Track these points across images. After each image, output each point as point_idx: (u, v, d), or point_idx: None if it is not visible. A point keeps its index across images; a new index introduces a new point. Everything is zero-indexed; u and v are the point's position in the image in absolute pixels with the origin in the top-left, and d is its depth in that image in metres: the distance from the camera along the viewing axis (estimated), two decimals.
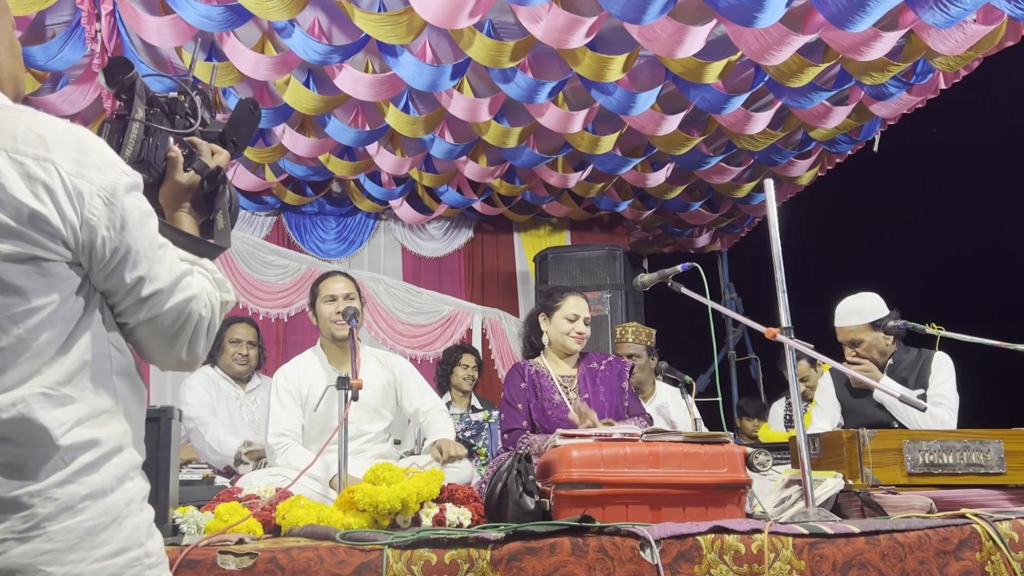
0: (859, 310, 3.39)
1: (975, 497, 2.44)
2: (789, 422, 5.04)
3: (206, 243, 1.36)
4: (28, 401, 1.04)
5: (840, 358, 3.42)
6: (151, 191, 1.30)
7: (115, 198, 1.11)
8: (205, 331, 1.25)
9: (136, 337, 1.21)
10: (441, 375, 5.29)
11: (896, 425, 3.25)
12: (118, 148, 1.28)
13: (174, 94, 1.42)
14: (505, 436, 3.16)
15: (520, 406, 3.15)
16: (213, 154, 1.40)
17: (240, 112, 1.49)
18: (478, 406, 5.23)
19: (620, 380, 3.26)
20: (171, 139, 1.38)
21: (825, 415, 3.50)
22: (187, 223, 1.37)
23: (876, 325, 3.36)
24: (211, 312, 1.26)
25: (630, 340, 4.46)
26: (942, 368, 3.33)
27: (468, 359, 5.34)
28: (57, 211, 1.06)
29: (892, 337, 3.37)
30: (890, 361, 3.41)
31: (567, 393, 3.18)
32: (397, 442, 3.68)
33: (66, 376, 1.09)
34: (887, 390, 2.39)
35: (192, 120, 1.42)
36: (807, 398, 4.57)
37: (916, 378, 3.36)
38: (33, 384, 1.05)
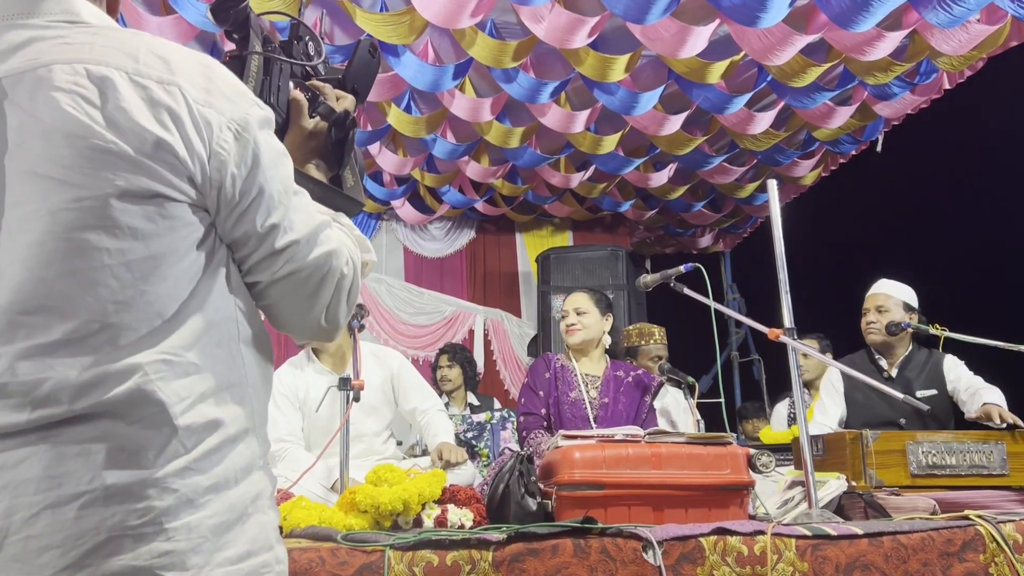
0: (899, 287, 3.58)
1: (980, 498, 2.44)
2: (793, 421, 5.04)
3: (343, 195, 1.20)
4: (147, 371, 0.88)
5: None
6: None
7: (247, 131, 0.96)
8: (347, 293, 1.09)
9: (269, 298, 1.05)
10: (433, 379, 5.21)
11: (902, 422, 3.27)
12: None
13: (285, 39, 1.26)
14: (521, 419, 3.20)
15: (542, 393, 3.19)
16: (338, 99, 1.25)
17: (360, 55, 1.30)
18: (475, 402, 5.15)
19: (644, 394, 3.27)
20: (292, 83, 1.22)
21: (829, 410, 3.51)
22: (319, 179, 1.20)
23: (907, 307, 3.50)
24: (353, 271, 1.09)
25: (659, 342, 4.43)
26: (957, 365, 3.42)
27: (443, 359, 5.16)
28: (184, 141, 0.91)
29: (906, 332, 3.45)
30: (904, 355, 3.48)
31: (587, 390, 3.20)
32: (398, 443, 3.66)
33: (191, 339, 0.93)
34: (891, 392, 2.38)
35: (307, 65, 1.26)
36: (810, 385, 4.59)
37: (926, 378, 3.40)
38: (153, 349, 0.90)
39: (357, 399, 2.57)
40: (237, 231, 0.99)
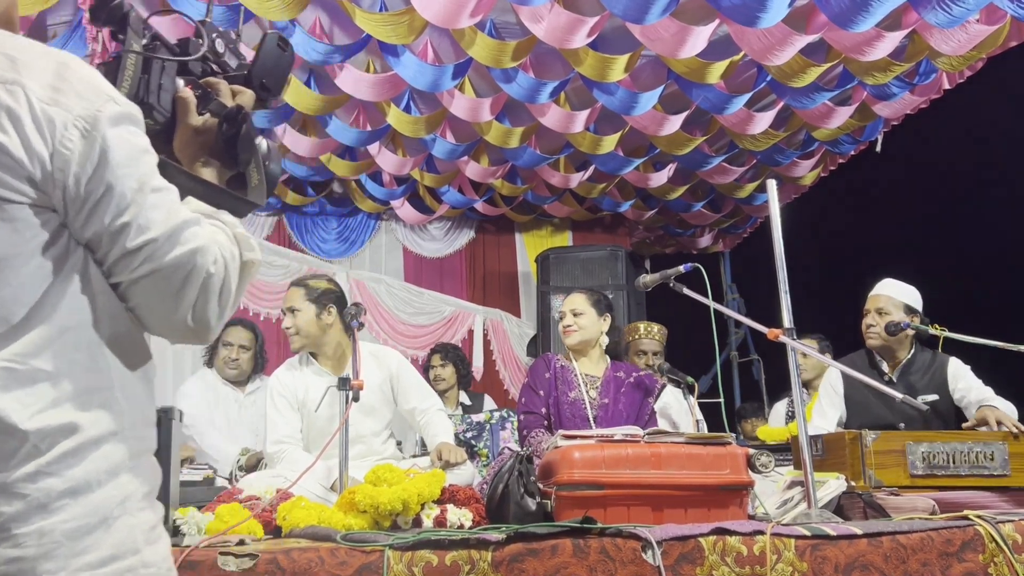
0: (902, 288, 3.51)
1: (979, 498, 2.44)
2: (791, 420, 5.05)
3: (228, 193, 1.16)
4: None
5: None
6: (161, 140, 1.12)
7: (95, 129, 0.94)
8: (217, 291, 1.05)
9: (132, 299, 1.02)
10: (427, 379, 5.19)
11: (901, 426, 3.26)
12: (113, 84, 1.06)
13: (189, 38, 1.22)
14: (522, 418, 3.22)
15: (542, 392, 3.21)
16: (236, 95, 1.21)
17: (267, 49, 1.25)
18: (467, 402, 5.16)
19: (646, 396, 3.28)
20: (181, 81, 1.18)
21: (827, 413, 3.49)
22: (208, 176, 1.17)
23: (909, 310, 3.45)
24: (223, 269, 1.06)
25: (656, 338, 4.45)
26: (966, 374, 3.36)
27: (435, 359, 5.17)
28: (22, 141, 0.90)
29: (909, 333, 3.42)
30: (906, 359, 3.44)
31: (587, 391, 3.21)
32: (398, 443, 3.66)
33: (40, 345, 0.91)
34: (891, 392, 2.38)
35: (210, 62, 1.21)
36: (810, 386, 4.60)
37: (928, 381, 3.37)
38: None
39: (356, 399, 2.57)
40: (88, 231, 0.97)
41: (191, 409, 4.05)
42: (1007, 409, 3.10)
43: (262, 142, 1.22)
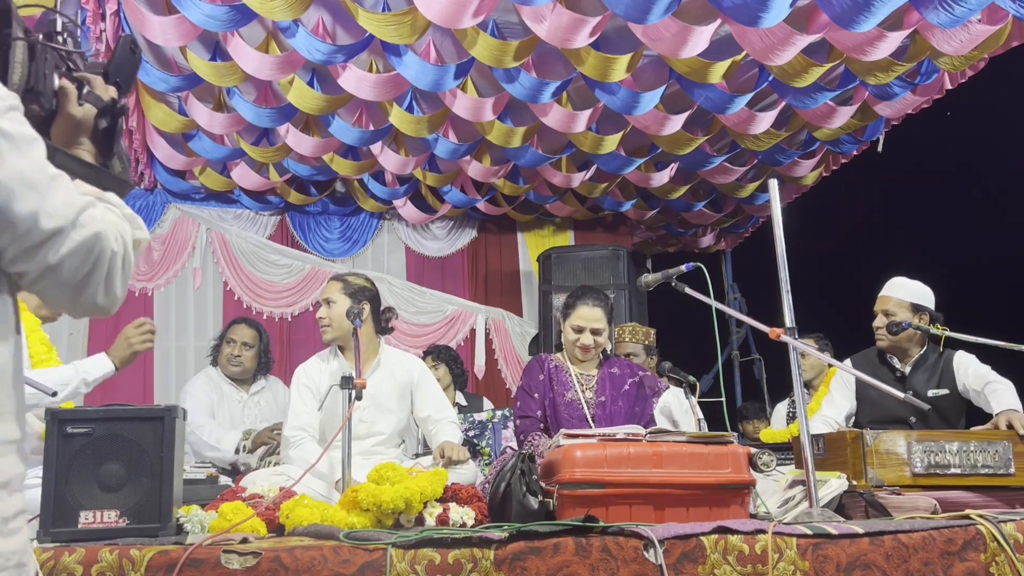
0: (908, 287, 3.46)
1: (980, 499, 2.44)
2: (793, 420, 5.05)
3: (110, 175, 1.23)
4: None
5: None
6: (42, 129, 1.15)
7: None
8: (120, 268, 1.10)
9: (41, 285, 1.05)
10: None
11: (913, 420, 3.24)
12: (2, 75, 1.11)
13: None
14: (518, 422, 3.21)
15: (537, 395, 3.20)
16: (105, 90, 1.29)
17: (121, 51, 1.37)
18: (463, 402, 5.18)
19: (648, 395, 3.27)
20: (56, 73, 1.24)
21: (837, 401, 3.48)
22: (87, 160, 1.23)
23: (916, 308, 3.40)
24: (124, 247, 1.11)
25: (627, 339, 4.48)
26: (971, 363, 3.34)
27: (427, 361, 5.12)
28: None
29: (913, 333, 3.38)
30: (918, 355, 3.43)
31: (583, 391, 3.21)
32: (402, 441, 3.67)
33: None
34: (892, 392, 2.39)
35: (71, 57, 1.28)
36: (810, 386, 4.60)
37: (937, 378, 3.36)
38: None
39: (359, 397, 2.60)
40: None
41: (194, 406, 4.07)
42: (1010, 395, 3.06)
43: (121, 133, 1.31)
